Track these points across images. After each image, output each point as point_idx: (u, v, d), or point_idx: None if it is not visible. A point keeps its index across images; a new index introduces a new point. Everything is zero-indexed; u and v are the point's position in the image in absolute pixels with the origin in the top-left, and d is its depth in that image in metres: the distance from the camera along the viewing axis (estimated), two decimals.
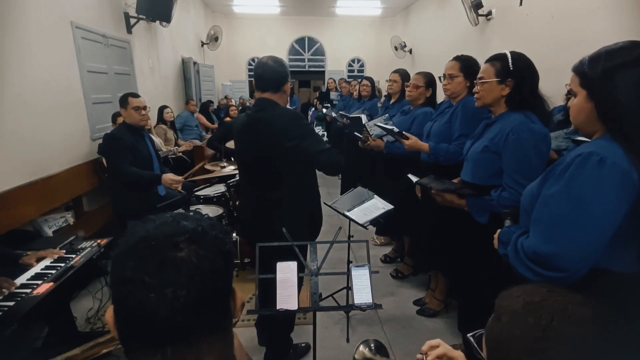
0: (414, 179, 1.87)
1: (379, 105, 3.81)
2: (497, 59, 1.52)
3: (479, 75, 1.58)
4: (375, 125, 2.56)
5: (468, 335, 0.77)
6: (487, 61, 1.56)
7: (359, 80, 4.60)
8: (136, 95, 2.57)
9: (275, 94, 1.70)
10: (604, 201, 0.88)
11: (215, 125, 6.61)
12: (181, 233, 0.50)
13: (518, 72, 1.47)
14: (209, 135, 5.85)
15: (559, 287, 0.59)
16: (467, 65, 2.04)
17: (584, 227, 0.90)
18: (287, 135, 1.62)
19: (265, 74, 1.68)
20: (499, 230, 1.24)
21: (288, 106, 1.88)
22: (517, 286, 0.63)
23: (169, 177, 2.44)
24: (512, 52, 1.50)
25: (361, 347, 1.01)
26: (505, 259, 1.15)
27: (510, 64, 1.47)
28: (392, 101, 3.17)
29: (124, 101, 2.52)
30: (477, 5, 4.96)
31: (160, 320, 0.46)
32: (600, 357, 0.51)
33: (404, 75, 3.06)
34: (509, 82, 1.49)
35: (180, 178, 2.46)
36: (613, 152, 0.89)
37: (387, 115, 2.67)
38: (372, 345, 1.01)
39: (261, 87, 1.71)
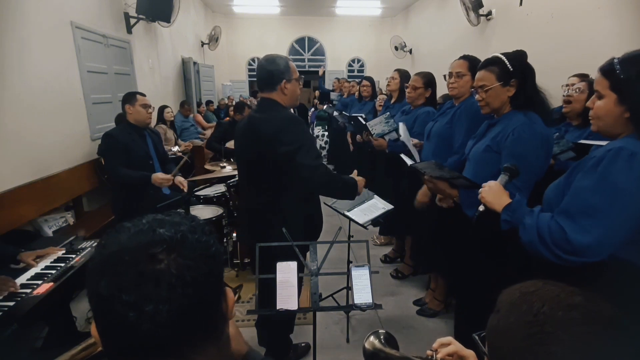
0: (408, 161, 1.83)
1: (377, 104, 3.80)
2: (493, 64, 1.51)
3: (480, 83, 1.55)
4: (382, 123, 2.54)
5: (474, 334, 0.77)
6: (481, 68, 1.55)
7: (359, 80, 4.58)
8: (143, 94, 2.59)
9: (271, 92, 1.68)
10: (637, 192, 0.92)
11: (212, 125, 6.61)
12: (158, 243, 0.46)
13: (518, 71, 1.47)
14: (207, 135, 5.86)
15: (555, 281, 0.61)
16: (474, 65, 2.02)
17: (617, 217, 0.94)
18: (281, 140, 1.57)
19: (259, 73, 1.70)
20: (490, 182, 1.24)
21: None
22: (518, 283, 0.64)
23: (158, 176, 2.44)
24: (505, 54, 1.50)
25: (372, 337, 1.01)
26: (504, 225, 1.17)
27: (508, 65, 1.47)
28: (392, 101, 3.17)
29: (131, 97, 2.52)
30: (477, 5, 4.96)
31: (142, 336, 0.43)
32: (594, 341, 0.52)
33: (403, 74, 3.06)
34: (513, 82, 1.48)
35: (169, 176, 2.47)
36: None
37: (388, 114, 2.66)
38: (382, 336, 1.02)
39: (259, 86, 1.73)
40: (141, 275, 0.44)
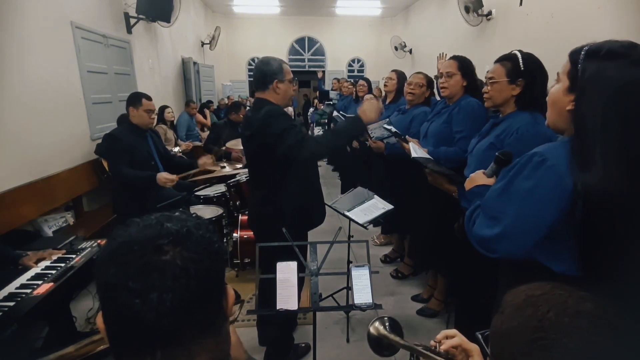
0: (413, 153, 1.85)
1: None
2: (508, 59, 1.50)
3: (489, 75, 1.56)
4: (383, 127, 2.54)
5: (477, 333, 0.77)
6: (497, 61, 1.54)
7: (355, 80, 4.63)
8: (149, 98, 2.58)
9: (263, 92, 1.77)
10: (535, 199, 0.91)
11: (207, 121, 6.60)
12: (165, 235, 0.49)
13: (529, 72, 1.46)
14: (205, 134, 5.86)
15: (564, 284, 0.59)
16: (464, 65, 2.06)
17: (515, 220, 0.95)
18: (268, 131, 1.66)
19: (254, 74, 1.80)
20: (478, 172, 1.26)
21: (290, 107, 1.91)
22: (526, 284, 0.63)
23: (163, 175, 2.46)
24: (521, 52, 1.49)
25: (377, 323, 1.01)
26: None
27: (521, 63, 1.47)
28: (388, 101, 3.16)
29: (136, 100, 2.52)
30: (478, 5, 4.96)
31: (146, 324, 0.45)
32: (601, 351, 0.51)
33: (400, 75, 3.06)
34: (520, 82, 1.48)
35: (173, 177, 2.48)
36: (558, 155, 0.90)
37: (388, 119, 2.65)
38: (387, 323, 1.01)
39: (254, 87, 1.83)
40: (148, 265, 0.46)
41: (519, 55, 1.48)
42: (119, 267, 0.47)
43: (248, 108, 1.94)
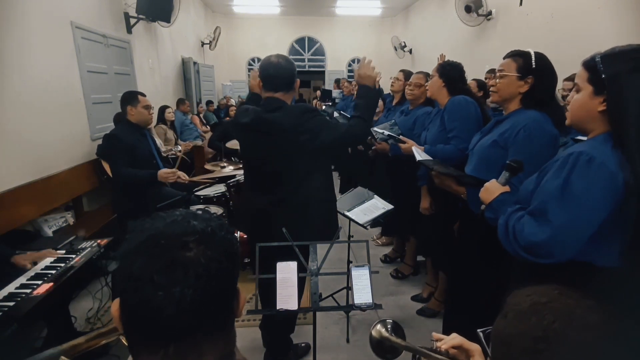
0: (417, 156, 1.84)
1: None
2: (520, 55, 1.49)
3: (499, 67, 1.54)
4: (375, 130, 2.54)
5: (478, 330, 0.77)
6: (509, 56, 1.54)
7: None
8: (144, 95, 2.59)
9: (287, 93, 1.66)
10: (591, 197, 0.94)
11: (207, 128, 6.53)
12: (191, 233, 0.50)
13: (539, 71, 1.45)
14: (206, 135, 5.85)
15: (571, 290, 0.57)
16: (442, 66, 2.13)
17: (571, 220, 0.97)
18: (299, 130, 1.58)
19: (279, 74, 1.63)
20: (493, 181, 1.27)
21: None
22: (531, 286, 0.61)
23: (163, 172, 2.46)
24: (535, 52, 1.49)
25: (378, 326, 1.01)
26: (490, 222, 1.22)
27: (533, 61, 1.45)
28: (394, 102, 3.15)
29: (133, 98, 2.51)
30: (478, 5, 4.96)
31: (165, 318, 0.47)
32: None
33: (408, 75, 3.05)
34: (529, 79, 1.46)
35: (173, 170, 2.49)
36: (602, 152, 0.95)
37: (393, 121, 2.64)
38: (389, 325, 1.02)
39: (273, 87, 1.65)
40: (173, 260, 0.48)
41: (532, 53, 1.47)
42: (146, 259, 0.48)
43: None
